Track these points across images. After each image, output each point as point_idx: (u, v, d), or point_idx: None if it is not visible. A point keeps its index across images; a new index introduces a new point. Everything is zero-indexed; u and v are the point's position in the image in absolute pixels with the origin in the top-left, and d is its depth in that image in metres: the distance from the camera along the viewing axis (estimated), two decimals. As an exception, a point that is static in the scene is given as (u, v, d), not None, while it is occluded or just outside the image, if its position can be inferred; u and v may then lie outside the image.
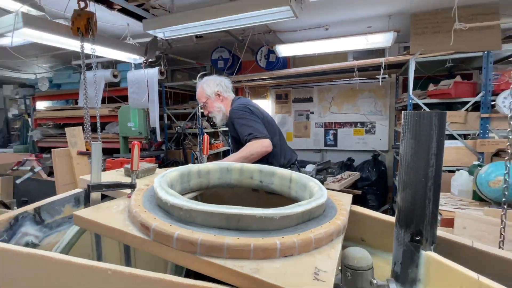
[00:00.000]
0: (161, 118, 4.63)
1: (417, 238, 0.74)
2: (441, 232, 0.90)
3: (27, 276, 0.59)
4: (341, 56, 4.29)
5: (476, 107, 2.81)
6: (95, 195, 0.89)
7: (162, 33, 2.91)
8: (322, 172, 3.40)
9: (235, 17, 2.44)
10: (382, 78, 3.36)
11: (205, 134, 1.44)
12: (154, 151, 4.42)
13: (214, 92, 2.04)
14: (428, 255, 0.68)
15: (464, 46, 2.80)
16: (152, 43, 3.54)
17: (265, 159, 1.81)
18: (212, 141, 5.05)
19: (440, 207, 1.83)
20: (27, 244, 0.83)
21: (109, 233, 0.69)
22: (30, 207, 0.88)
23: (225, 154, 5.32)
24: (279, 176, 1.11)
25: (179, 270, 0.89)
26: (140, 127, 4.18)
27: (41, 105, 5.99)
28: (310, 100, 4.96)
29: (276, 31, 3.81)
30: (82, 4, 2.42)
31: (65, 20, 2.79)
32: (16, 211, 0.86)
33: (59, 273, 0.58)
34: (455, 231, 1.68)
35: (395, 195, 3.92)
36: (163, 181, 0.82)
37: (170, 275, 0.54)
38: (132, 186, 0.86)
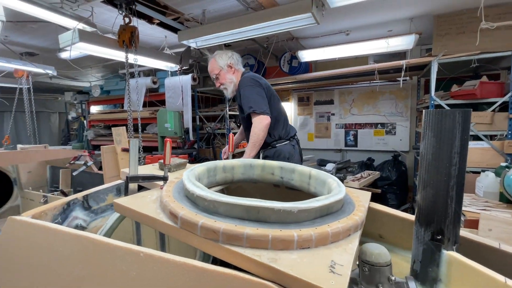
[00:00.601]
0: (194, 119, 4.76)
1: (438, 237, 0.68)
2: (464, 232, 0.82)
3: (75, 254, 0.63)
4: (362, 59, 4.12)
5: (503, 108, 2.55)
6: (133, 185, 0.93)
7: (194, 43, 2.98)
8: (342, 171, 3.28)
9: (260, 26, 2.43)
10: (403, 80, 3.17)
11: (231, 133, 1.44)
12: (187, 149, 4.56)
13: (227, 64, 1.95)
14: (450, 255, 0.62)
15: (491, 45, 2.55)
16: (186, 53, 3.64)
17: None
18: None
19: (463, 208, 1.67)
20: (76, 227, 0.88)
21: (143, 219, 0.71)
22: (79, 195, 0.94)
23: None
24: (299, 172, 1.08)
25: (206, 257, 0.90)
26: (176, 127, 4.33)
27: (94, 109, 6.42)
28: (331, 102, 4.82)
29: (298, 37, 3.75)
30: (127, 20, 2.55)
31: (113, 34, 2.96)
32: (68, 197, 0.92)
33: (101, 253, 0.60)
34: (480, 233, 1.53)
35: (416, 195, 3.68)
36: (191, 175, 0.83)
37: (194, 260, 0.54)
38: (164, 178, 0.89)
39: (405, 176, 3.98)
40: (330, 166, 3.15)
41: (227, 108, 4.52)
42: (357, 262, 0.79)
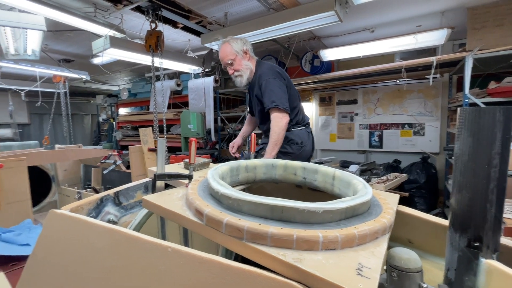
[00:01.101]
0: (215, 120, 4.85)
1: (475, 244, 0.63)
2: (506, 240, 0.76)
3: (108, 246, 0.66)
4: (388, 57, 3.95)
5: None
6: (160, 183, 0.97)
7: (216, 45, 3.04)
8: (367, 173, 3.17)
9: (282, 26, 2.43)
10: (433, 78, 2.99)
11: (253, 133, 1.45)
12: (209, 149, 4.66)
13: (243, 49, 1.81)
14: (490, 264, 0.57)
15: (535, 38, 2.34)
16: (208, 55, 3.73)
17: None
18: (259, 141, 5.11)
19: (504, 215, 1.54)
20: (108, 221, 0.93)
21: (169, 215, 0.74)
22: (111, 191, 1.00)
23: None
24: (322, 173, 1.06)
25: (228, 255, 0.91)
26: (198, 128, 4.44)
27: (122, 111, 6.77)
28: (354, 102, 4.68)
29: (320, 36, 3.68)
30: (153, 25, 2.67)
31: (141, 39, 3.11)
32: (101, 193, 0.98)
33: (131, 246, 0.63)
34: (522, 242, 1.40)
35: (447, 199, 3.46)
36: (215, 174, 0.84)
37: (219, 257, 0.55)
38: (189, 177, 0.91)
39: (435, 179, 3.75)
40: (353, 167, 3.06)
41: (248, 109, 4.56)
42: (385, 267, 0.76)
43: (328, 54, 3.54)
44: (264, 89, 1.74)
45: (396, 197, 0.95)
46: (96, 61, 3.90)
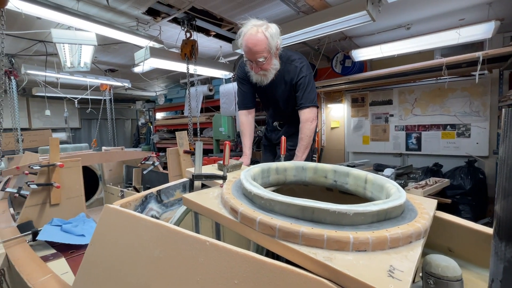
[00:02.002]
0: (245, 123, 4.94)
1: (523, 254, 0.59)
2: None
3: (154, 238, 0.74)
4: (426, 54, 3.71)
5: None
6: (197, 183, 1.04)
7: (247, 51, 3.12)
8: (403, 177, 3.01)
9: (312, 28, 2.43)
10: (479, 74, 2.75)
11: (284, 136, 1.48)
12: (239, 152, 4.77)
13: (277, 46, 1.50)
14: (539, 275, 0.54)
15: None
16: (239, 60, 3.84)
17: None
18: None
19: None
20: (152, 216, 1.02)
21: (206, 213, 0.80)
22: (154, 190, 1.10)
23: (301, 156, 5.28)
24: (354, 176, 1.05)
25: (259, 253, 0.95)
26: (229, 131, 4.58)
27: (159, 115, 7.21)
28: (389, 102, 4.45)
29: (352, 36, 3.59)
30: (188, 35, 2.83)
31: (177, 48, 3.32)
32: (146, 191, 1.08)
33: (174, 239, 0.70)
34: None
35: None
36: (247, 175, 0.89)
37: (254, 253, 0.59)
38: (223, 177, 0.97)
39: (483, 186, 3.42)
40: (388, 171, 2.93)
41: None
42: (420, 274, 0.74)
43: (361, 54, 3.44)
44: (307, 83, 1.58)
45: (433, 202, 0.91)
46: (137, 70, 4.24)
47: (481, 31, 2.69)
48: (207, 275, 0.61)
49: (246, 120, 1.77)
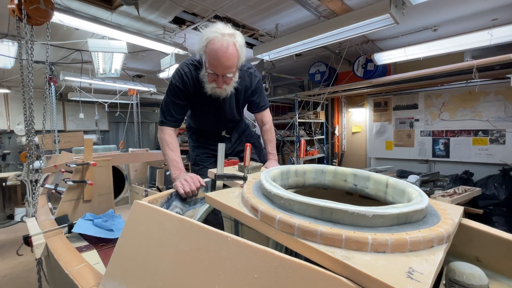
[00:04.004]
0: (265, 127, 4.98)
1: (556, 265, 0.57)
2: None
3: (180, 233, 0.79)
4: (454, 56, 3.54)
5: None
6: (219, 183, 1.09)
7: (267, 56, 3.18)
8: (429, 184, 2.88)
9: (333, 33, 2.43)
10: (515, 77, 2.59)
11: (302, 139, 1.49)
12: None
13: (243, 57, 1.35)
14: None
15: None
16: (259, 65, 3.90)
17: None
18: (308, 148, 5.06)
19: None
20: (176, 213, 1.08)
21: (228, 211, 0.84)
22: (178, 189, 1.16)
23: (320, 161, 5.22)
24: (375, 180, 1.04)
25: (278, 250, 0.97)
26: (248, 135, 4.63)
27: (181, 119, 7.44)
28: (414, 106, 4.29)
29: (374, 40, 3.53)
30: (211, 41, 2.94)
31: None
32: (171, 190, 1.15)
33: (197, 234, 0.75)
34: None
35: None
36: (267, 176, 0.92)
37: (273, 250, 0.61)
38: (244, 178, 1.01)
39: (520, 196, 3.18)
40: (413, 178, 2.82)
41: (297, 116, 4.58)
42: (444, 281, 0.72)
43: (384, 57, 3.36)
44: (261, 88, 1.63)
45: (459, 209, 0.88)
46: (162, 75, 4.44)
47: (516, 31, 2.54)
48: (229, 268, 0.65)
49: (175, 139, 1.49)
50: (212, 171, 1.16)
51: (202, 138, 1.71)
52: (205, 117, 1.59)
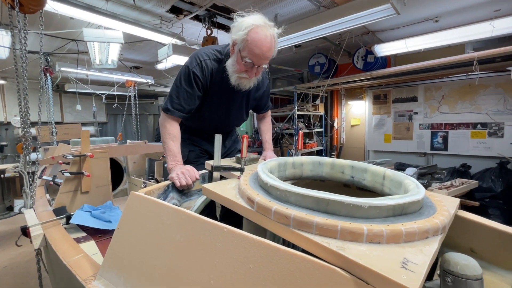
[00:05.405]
0: (263, 120, 4.96)
1: (549, 255, 0.57)
2: None
3: (176, 224, 0.79)
4: (455, 48, 3.50)
5: None
6: (216, 174, 1.08)
7: (266, 47, 3.12)
8: (426, 177, 2.89)
9: (333, 23, 2.39)
10: (515, 69, 2.57)
11: (300, 132, 1.48)
12: (256, 148, 4.81)
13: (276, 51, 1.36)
14: None
15: None
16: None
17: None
18: (307, 141, 5.06)
19: None
20: (173, 204, 1.08)
21: (224, 202, 0.84)
22: (175, 180, 1.16)
23: (319, 153, 5.23)
24: (372, 172, 1.04)
25: (276, 241, 0.98)
26: (247, 127, 4.62)
27: (180, 111, 7.39)
28: (413, 99, 4.27)
29: (375, 31, 3.48)
30: (209, 32, 2.89)
31: (198, 45, 3.39)
32: (168, 181, 1.14)
33: (194, 225, 0.75)
34: None
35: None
36: (264, 168, 0.92)
37: (268, 240, 0.61)
38: (241, 170, 1.00)
39: (516, 189, 3.21)
40: (410, 170, 2.83)
41: (296, 108, 4.56)
42: (438, 272, 0.73)
43: (384, 49, 3.32)
44: (269, 90, 1.64)
45: (455, 200, 0.88)
46: (160, 66, 4.39)
47: (518, 22, 2.50)
48: (224, 259, 0.65)
49: (178, 129, 1.37)
50: (209, 163, 1.16)
51: (197, 138, 1.61)
52: (213, 113, 1.48)
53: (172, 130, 1.32)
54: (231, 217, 0.95)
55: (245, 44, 1.21)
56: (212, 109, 1.46)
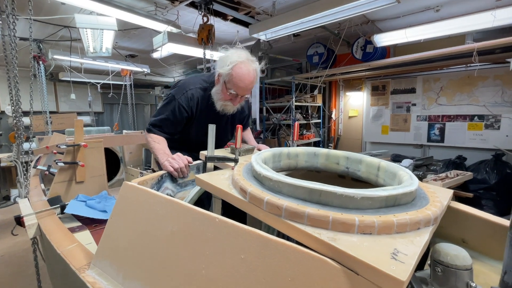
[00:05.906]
0: (261, 110, 4.94)
1: (539, 246, 0.57)
2: None
3: (169, 214, 0.79)
4: (456, 39, 3.45)
5: None
6: (210, 165, 1.08)
7: (264, 35, 3.07)
8: (422, 168, 2.91)
9: (332, 11, 2.33)
10: (515, 61, 2.55)
11: (297, 122, 1.47)
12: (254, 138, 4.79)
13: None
14: (553, 267, 0.52)
15: None
16: (256, 46, 3.78)
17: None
18: (304, 132, 5.05)
19: None
20: (167, 195, 1.08)
21: (217, 192, 0.83)
22: (169, 170, 1.15)
23: (316, 145, 5.24)
24: (367, 163, 1.04)
25: (270, 232, 0.98)
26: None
27: (176, 101, 7.32)
28: (412, 91, 4.25)
29: (374, 20, 3.42)
30: (205, 19, 2.82)
31: (194, 33, 3.32)
32: (161, 171, 1.14)
33: (186, 215, 0.74)
34: None
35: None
36: (258, 158, 0.91)
37: (260, 230, 0.61)
38: (235, 160, 1.00)
39: (510, 180, 3.24)
40: (406, 162, 2.84)
41: (294, 99, 4.52)
42: (428, 262, 0.73)
43: (383, 39, 3.28)
44: (250, 112, 1.83)
45: (448, 192, 0.88)
46: (155, 55, 4.30)
47: (520, 13, 2.46)
48: (216, 249, 0.65)
49: (163, 138, 1.43)
50: (203, 153, 1.15)
51: (185, 146, 1.59)
52: (200, 135, 1.49)
53: (156, 138, 1.41)
54: (232, 212, 0.96)
55: (230, 78, 1.34)
56: (199, 132, 1.52)
